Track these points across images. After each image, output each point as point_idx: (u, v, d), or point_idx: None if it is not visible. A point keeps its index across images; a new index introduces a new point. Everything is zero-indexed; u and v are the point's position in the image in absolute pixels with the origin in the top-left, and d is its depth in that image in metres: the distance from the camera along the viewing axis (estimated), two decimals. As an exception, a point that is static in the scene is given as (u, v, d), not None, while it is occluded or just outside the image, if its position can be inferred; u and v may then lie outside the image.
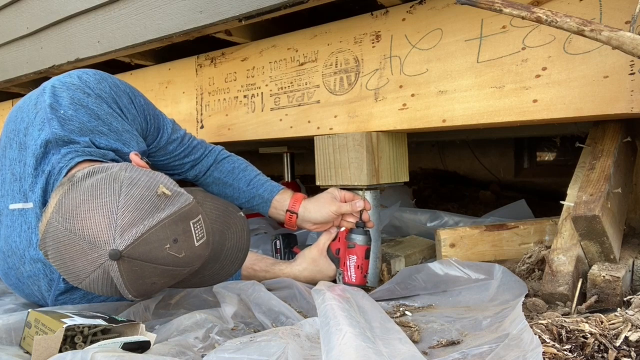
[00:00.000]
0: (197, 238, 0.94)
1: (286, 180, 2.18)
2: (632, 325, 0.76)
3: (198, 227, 0.95)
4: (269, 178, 1.35)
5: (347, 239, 1.24)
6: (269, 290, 1.16)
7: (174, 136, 1.27)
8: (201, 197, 1.10)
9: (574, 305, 0.95)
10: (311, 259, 1.26)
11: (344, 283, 1.23)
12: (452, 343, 0.86)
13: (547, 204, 1.83)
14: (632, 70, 0.94)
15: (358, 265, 1.22)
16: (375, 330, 0.87)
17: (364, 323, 0.87)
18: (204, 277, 1.10)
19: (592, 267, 0.99)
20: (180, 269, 0.93)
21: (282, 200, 1.29)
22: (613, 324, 0.78)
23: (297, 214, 1.27)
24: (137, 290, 0.92)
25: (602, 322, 0.78)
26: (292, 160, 2.20)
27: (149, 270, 0.89)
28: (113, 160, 1.09)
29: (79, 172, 0.94)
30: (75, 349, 0.85)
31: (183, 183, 1.11)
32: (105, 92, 1.13)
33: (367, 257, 1.23)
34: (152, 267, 0.89)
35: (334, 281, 1.26)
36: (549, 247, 1.10)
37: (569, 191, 1.11)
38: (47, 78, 1.26)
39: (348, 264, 1.23)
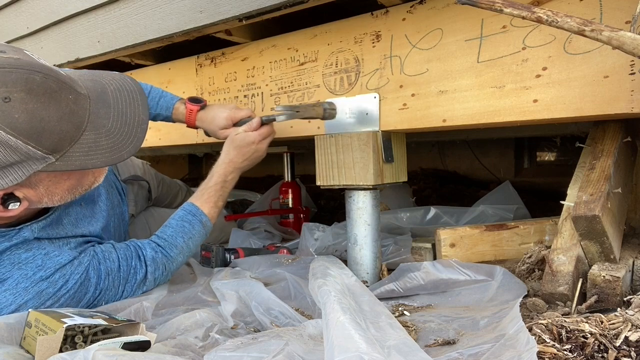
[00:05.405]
0: (36, 58, 0.94)
1: (286, 180, 2.18)
2: (632, 325, 0.76)
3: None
4: (166, 93, 1.58)
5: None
6: (265, 284, 1.17)
7: None
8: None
9: (574, 305, 0.95)
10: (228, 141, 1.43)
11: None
12: (449, 342, 0.86)
13: (547, 204, 1.83)
14: (632, 70, 0.94)
15: None
16: (366, 313, 0.89)
17: (355, 306, 0.90)
18: (118, 119, 1.03)
19: (592, 267, 0.99)
20: (23, 71, 0.88)
21: (179, 107, 1.56)
22: (613, 324, 0.78)
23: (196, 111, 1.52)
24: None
25: (602, 322, 0.78)
26: (292, 160, 2.19)
27: None
28: None
29: None
30: (76, 348, 0.85)
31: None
32: None
33: None
34: None
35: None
36: (549, 247, 1.10)
37: (569, 191, 1.11)
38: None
39: None
